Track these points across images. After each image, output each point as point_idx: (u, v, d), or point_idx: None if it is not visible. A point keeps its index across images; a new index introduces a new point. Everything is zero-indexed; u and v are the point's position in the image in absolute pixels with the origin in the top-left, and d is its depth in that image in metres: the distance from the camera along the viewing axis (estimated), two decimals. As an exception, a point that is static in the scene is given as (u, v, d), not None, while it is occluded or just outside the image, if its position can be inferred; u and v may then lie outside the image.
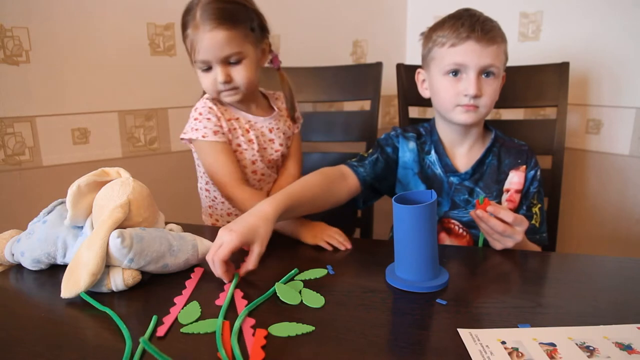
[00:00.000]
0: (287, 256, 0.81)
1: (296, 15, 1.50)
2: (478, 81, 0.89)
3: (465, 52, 0.89)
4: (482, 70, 0.89)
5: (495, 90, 0.91)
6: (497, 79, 0.91)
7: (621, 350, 0.52)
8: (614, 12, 1.28)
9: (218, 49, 0.86)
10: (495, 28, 0.90)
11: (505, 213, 0.78)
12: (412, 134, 1.01)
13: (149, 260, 0.66)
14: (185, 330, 0.55)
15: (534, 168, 0.97)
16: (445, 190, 0.97)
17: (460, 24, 0.89)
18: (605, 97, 1.34)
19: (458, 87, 0.90)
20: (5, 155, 1.14)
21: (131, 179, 0.71)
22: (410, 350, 0.53)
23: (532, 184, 0.97)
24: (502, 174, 0.97)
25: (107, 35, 1.24)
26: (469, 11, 0.92)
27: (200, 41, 0.86)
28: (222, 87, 0.90)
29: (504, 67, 0.93)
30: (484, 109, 0.92)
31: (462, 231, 0.97)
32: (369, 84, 1.33)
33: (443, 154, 0.98)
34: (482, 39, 0.88)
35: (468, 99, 0.90)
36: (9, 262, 0.74)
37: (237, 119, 0.97)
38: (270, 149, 1.01)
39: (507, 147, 0.99)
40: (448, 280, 0.68)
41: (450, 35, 0.90)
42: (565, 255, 0.84)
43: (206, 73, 0.90)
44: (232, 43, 0.87)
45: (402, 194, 0.70)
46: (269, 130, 1.00)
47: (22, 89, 1.14)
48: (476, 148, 0.98)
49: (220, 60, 0.88)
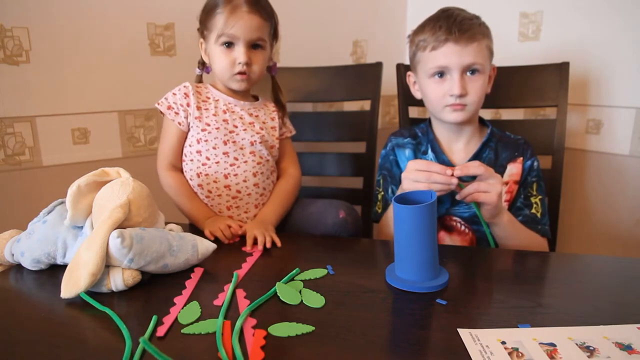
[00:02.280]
0: (288, 256, 0.81)
1: (296, 15, 1.50)
2: (462, 80, 0.91)
3: (445, 55, 0.91)
4: (465, 69, 0.91)
5: (482, 86, 0.93)
6: (483, 75, 0.92)
7: (621, 350, 0.52)
8: (614, 12, 1.28)
9: (252, 30, 0.93)
10: (475, 25, 0.91)
11: (473, 168, 0.80)
12: (407, 139, 1.04)
13: (149, 260, 0.66)
14: (186, 331, 0.55)
15: (530, 159, 0.99)
16: None
17: (438, 27, 0.91)
18: (605, 97, 1.34)
19: (444, 88, 0.92)
20: (5, 155, 1.14)
21: (131, 179, 0.71)
22: (410, 350, 0.53)
23: (530, 173, 0.98)
24: (500, 167, 0.98)
25: (107, 35, 1.24)
26: (447, 12, 0.93)
27: (237, 18, 0.91)
28: (240, 67, 0.94)
29: (489, 61, 0.95)
30: (472, 107, 0.93)
31: (465, 228, 0.97)
32: (369, 84, 1.33)
33: (439, 152, 0.99)
34: (460, 39, 0.89)
35: (454, 99, 0.91)
36: (9, 262, 0.74)
37: (217, 100, 1.00)
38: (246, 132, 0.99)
39: (503, 141, 1.00)
40: (448, 280, 0.68)
41: (429, 38, 0.92)
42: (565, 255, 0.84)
43: (227, 51, 0.94)
44: (262, 30, 0.94)
45: (402, 194, 0.70)
46: (249, 114, 1.01)
47: (22, 89, 1.14)
48: (472, 143, 0.99)
49: (247, 42, 0.93)
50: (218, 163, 0.97)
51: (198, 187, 0.98)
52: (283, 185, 1.04)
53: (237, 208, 0.99)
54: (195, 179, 0.98)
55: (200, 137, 0.96)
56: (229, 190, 0.98)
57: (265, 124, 1.03)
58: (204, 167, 0.97)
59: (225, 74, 0.96)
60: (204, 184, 0.98)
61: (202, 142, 0.96)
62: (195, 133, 0.97)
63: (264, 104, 1.06)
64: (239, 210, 0.99)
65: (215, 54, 0.96)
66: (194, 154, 0.98)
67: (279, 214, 0.98)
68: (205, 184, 0.98)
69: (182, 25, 1.33)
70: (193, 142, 0.97)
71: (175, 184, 0.98)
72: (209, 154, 0.97)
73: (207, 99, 0.99)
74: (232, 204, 0.99)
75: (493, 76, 0.99)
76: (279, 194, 1.02)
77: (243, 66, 0.94)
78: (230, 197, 0.98)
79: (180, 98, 0.97)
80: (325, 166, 1.41)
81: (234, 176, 0.98)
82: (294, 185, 1.05)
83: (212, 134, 0.96)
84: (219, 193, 0.98)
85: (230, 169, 0.98)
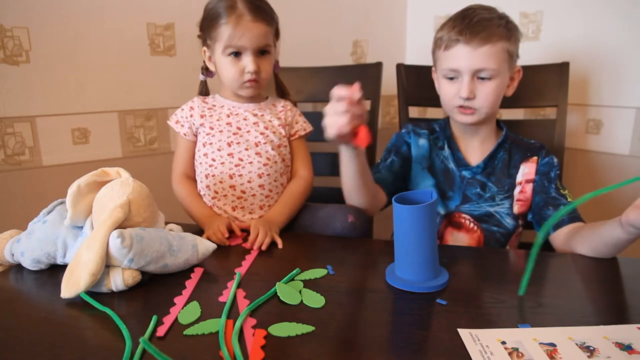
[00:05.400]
0: (288, 256, 0.81)
1: (296, 15, 1.50)
2: (472, 83, 0.89)
3: (455, 56, 0.90)
4: (475, 73, 0.89)
5: (493, 91, 0.90)
6: (495, 80, 0.90)
7: (621, 350, 0.52)
8: (614, 12, 1.28)
9: (258, 38, 0.93)
10: (491, 26, 0.88)
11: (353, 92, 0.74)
12: (425, 131, 1.04)
13: (149, 260, 0.66)
14: (188, 332, 0.55)
15: (547, 156, 0.98)
16: (457, 184, 0.99)
17: (452, 26, 0.89)
18: (605, 97, 1.34)
19: (455, 88, 0.92)
20: (5, 155, 1.14)
21: (131, 179, 0.71)
22: (410, 350, 0.53)
23: (551, 169, 0.96)
24: (513, 167, 0.98)
25: (107, 35, 1.24)
26: (466, 11, 0.91)
27: (242, 29, 0.92)
28: (250, 76, 0.95)
29: (507, 64, 0.91)
30: (482, 110, 0.92)
31: (473, 225, 0.98)
32: (369, 84, 1.33)
33: (456, 149, 1.00)
34: (471, 42, 0.87)
35: (462, 101, 0.91)
36: (9, 262, 0.74)
37: (222, 106, 1.03)
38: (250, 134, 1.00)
39: (517, 143, 1.01)
40: (448, 280, 0.68)
41: (444, 37, 0.91)
42: (565, 255, 0.84)
43: (234, 60, 0.95)
44: (268, 36, 0.95)
45: (402, 194, 0.70)
46: (253, 115, 1.02)
47: (22, 89, 1.14)
48: (488, 143, 1.00)
49: (254, 50, 0.94)
50: (223, 164, 0.98)
51: (206, 188, 1.00)
52: (293, 186, 1.03)
53: (242, 209, 0.99)
54: (204, 181, 1.01)
55: (205, 141, 1.00)
56: (234, 190, 0.98)
57: (270, 123, 1.03)
58: (210, 169, 0.99)
59: (235, 84, 0.98)
60: (211, 184, 0.99)
61: (208, 145, 0.99)
62: (201, 138, 1.01)
63: (272, 104, 1.06)
64: (244, 211, 0.99)
65: (222, 65, 0.96)
66: (202, 157, 1.00)
67: (286, 215, 0.97)
68: (212, 184, 0.99)
69: (182, 25, 1.33)
70: (200, 147, 1.01)
71: (182, 193, 1.01)
72: (214, 156, 0.99)
73: (212, 107, 1.03)
74: (237, 204, 0.99)
75: (517, 78, 0.97)
76: (287, 195, 1.01)
77: (252, 74, 0.95)
78: (235, 198, 0.99)
79: (186, 111, 1.02)
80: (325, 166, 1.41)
81: (239, 177, 0.98)
82: (304, 187, 1.03)
83: (216, 137, 0.99)
84: (225, 193, 0.99)
85: (235, 169, 0.98)
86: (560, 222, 0.89)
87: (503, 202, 0.98)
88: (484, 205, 0.97)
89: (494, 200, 0.98)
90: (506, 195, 0.98)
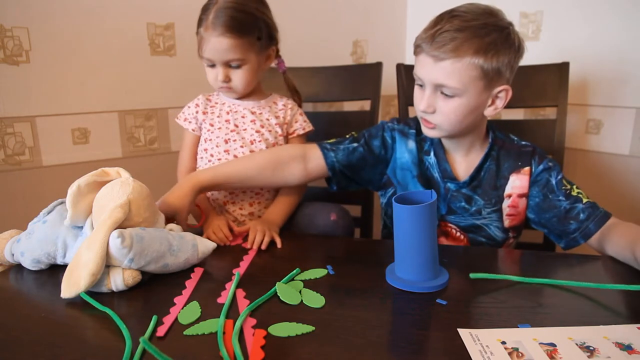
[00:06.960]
0: (288, 256, 0.81)
1: (296, 15, 1.50)
2: (432, 97, 0.81)
3: (419, 64, 0.83)
4: (437, 87, 0.81)
5: (454, 110, 0.80)
6: (459, 99, 0.80)
7: (621, 350, 0.52)
8: (614, 12, 1.28)
9: (222, 53, 0.93)
10: (462, 37, 0.76)
11: None
12: (412, 131, 0.95)
13: (149, 260, 0.66)
14: (188, 332, 0.55)
15: (541, 162, 0.90)
16: (442, 195, 0.93)
17: (426, 29, 0.81)
18: (605, 97, 1.34)
19: (420, 97, 0.85)
20: (5, 155, 1.14)
21: (131, 179, 0.71)
22: (410, 350, 0.53)
23: (550, 176, 0.89)
24: (502, 178, 0.91)
25: (107, 36, 1.24)
26: (446, 14, 0.81)
27: (208, 42, 0.93)
28: (221, 84, 0.98)
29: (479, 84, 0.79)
30: (443, 127, 0.84)
31: (460, 234, 0.94)
32: (369, 84, 1.33)
33: (442, 159, 0.93)
34: (431, 53, 0.78)
35: (422, 113, 0.84)
36: (9, 262, 0.74)
37: (224, 103, 1.05)
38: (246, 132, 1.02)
39: (506, 149, 0.93)
40: (448, 280, 0.68)
41: (417, 39, 0.83)
42: (565, 255, 0.84)
43: (210, 68, 0.98)
44: (235, 50, 0.93)
45: (402, 194, 0.70)
46: (251, 113, 1.03)
47: (22, 89, 1.14)
48: (474, 153, 0.92)
49: (223, 63, 0.95)
50: (220, 160, 1.01)
51: None
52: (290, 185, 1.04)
53: (233, 204, 1.02)
54: None
55: (206, 137, 1.03)
56: None
57: (267, 121, 1.03)
58: (209, 164, 1.02)
59: (214, 86, 1.00)
60: None
61: (208, 140, 1.03)
62: (203, 133, 1.04)
63: (273, 102, 1.07)
64: (234, 207, 1.02)
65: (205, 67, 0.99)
66: (203, 152, 1.04)
67: (285, 214, 0.98)
68: None
69: (182, 25, 1.33)
70: (202, 142, 1.04)
71: None
72: (212, 152, 1.02)
73: (215, 104, 1.05)
74: (229, 199, 1.02)
75: (505, 99, 0.83)
76: (285, 194, 1.02)
77: (222, 83, 0.97)
78: (227, 193, 1.02)
79: (192, 108, 1.05)
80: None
81: None
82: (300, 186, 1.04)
83: (215, 133, 1.02)
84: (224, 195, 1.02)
85: None
86: (586, 231, 0.84)
87: (490, 215, 0.92)
88: (470, 218, 0.92)
89: (481, 214, 0.92)
90: (494, 209, 0.91)
